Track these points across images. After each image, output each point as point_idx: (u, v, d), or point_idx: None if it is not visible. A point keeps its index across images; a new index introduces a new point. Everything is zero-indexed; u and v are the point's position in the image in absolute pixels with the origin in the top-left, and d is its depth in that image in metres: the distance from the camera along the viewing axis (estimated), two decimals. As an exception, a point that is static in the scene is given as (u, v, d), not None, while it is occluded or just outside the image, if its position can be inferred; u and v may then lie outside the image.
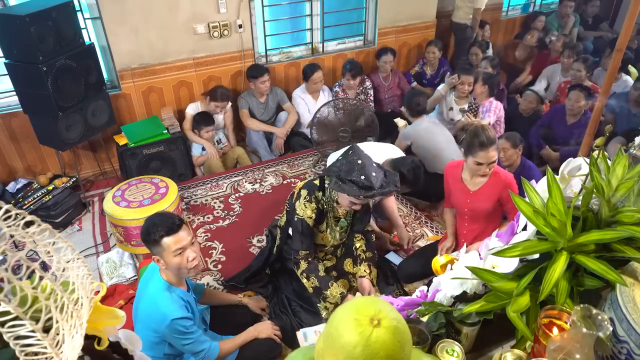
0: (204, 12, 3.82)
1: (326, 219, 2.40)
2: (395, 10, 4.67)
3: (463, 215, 2.57)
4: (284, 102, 4.23)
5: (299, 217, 2.29)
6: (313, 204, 2.29)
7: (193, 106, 3.94)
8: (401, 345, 0.68)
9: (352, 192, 2.08)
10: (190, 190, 3.73)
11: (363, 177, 2.07)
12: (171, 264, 1.84)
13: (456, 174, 2.53)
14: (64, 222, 3.40)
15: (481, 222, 2.51)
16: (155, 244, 1.81)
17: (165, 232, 1.81)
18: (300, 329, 1.89)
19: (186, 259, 1.84)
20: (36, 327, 0.53)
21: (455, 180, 2.54)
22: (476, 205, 2.46)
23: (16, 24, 2.75)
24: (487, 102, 3.87)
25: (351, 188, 2.08)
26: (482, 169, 2.35)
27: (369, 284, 2.40)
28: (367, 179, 2.07)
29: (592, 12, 6.13)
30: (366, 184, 2.07)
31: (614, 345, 0.87)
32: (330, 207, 2.36)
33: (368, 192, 2.07)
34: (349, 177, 2.08)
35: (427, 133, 3.50)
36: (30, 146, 3.62)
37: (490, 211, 2.45)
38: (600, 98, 2.32)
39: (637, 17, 2.13)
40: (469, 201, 2.47)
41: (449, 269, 1.23)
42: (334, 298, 2.29)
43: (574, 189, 1.13)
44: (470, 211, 2.51)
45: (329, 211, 2.37)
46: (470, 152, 2.34)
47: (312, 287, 2.32)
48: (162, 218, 1.87)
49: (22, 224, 0.57)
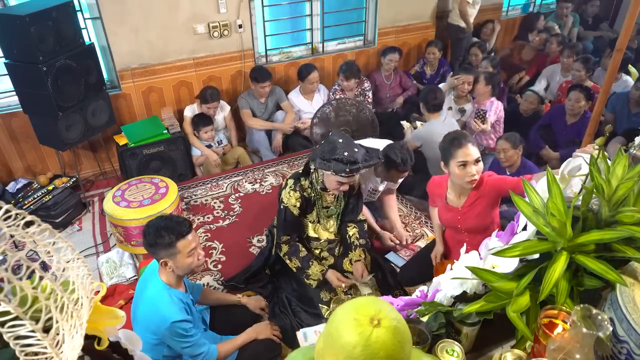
0: (204, 12, 3.82)
1: (315, 208, 2.42)
2: (395, 10, 4.67)
3: (458, 230, 2.41)
4: (282, 101, 4.23)
5: (284, 204, 2.35)
6: (297, 193, 2.34)
7: (190, 108, 3.95)
8: (401, 345, 0.68)
9: (338, 169, 2.13)
10: (190, 190, 3.73)
11: (346, 153, 2.14)
12: (183, 264, 1.86)
13: (441, 193, 2.38)
14: (64, 222, 3.40)
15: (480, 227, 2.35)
16: (168, 247, 1.81)
17: (179, 235, 1.82)
18: (300, 329, 1.89)
19: (197, 257, 1.89)
20: (36, 327, 0.53)
21: (440, 199, 2.40)
22: (468, 222, 2.31)
23: (16, 24, 2.75)
24: (488, 101, 3.86)
25: (337, 165, 2.13)
26: (469, 170, 2.11)
27: (362, 266, 2.45)
28: (350, 154, 2.13)
29: (592, 12, 6.13)
30: (350, 159, 2.13)
31: (614, 345, 0.87)
32: (318, 194, 2.39)
33: (353, 165, 2.13)
34: (333, 155, 2.14)
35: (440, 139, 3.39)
36: (30, 146, 3.62)
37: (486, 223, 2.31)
38: (600, 98, 2.32)
39: (637, 17, 2.13)
40: (460, 218, 2.32)
41: (449, 268, 1.23)
42: (315, 275, 2.41)
43: (574, 189, 1.13)
44: (464, 228, 2.36)
45: (317, 199, 2.40)
46: (450, 156, 2.16)
47: (295, 267, 2.43)
48: (170, 222, 1.86)
49: (22, 224, 0.57)
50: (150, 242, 1.84)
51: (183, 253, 1.84)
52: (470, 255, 1.17)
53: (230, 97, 4.23)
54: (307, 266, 2.40)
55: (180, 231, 1.83)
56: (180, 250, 1.83)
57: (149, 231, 1.84)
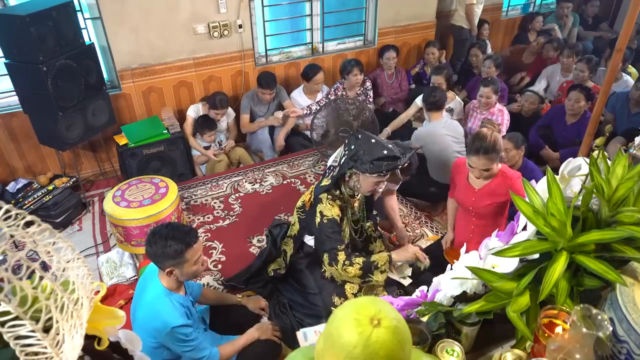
0: (204, 12, 3.82)
1: (346, 217, 2.39)
2: (395, 10, 4.67)
3: (470, 212, 2.57)
4: (284, 100, 4.23)
5: (327, 218, 2.24)
6: (338, 202, 2.29)
7: (194, 108, 3.93)
8: (401, 345, 0.68)
9: (390, 167, 2.12)
10: (190, 190, 3.73)
11: (386, 151, 2.12)
12: (189, 272, 1.84)
13: (464, 171, 2.54)
14: (64, 222, 3.40)
15: (488, 218, 2.52)
16: (176, 257, 1.77)
17: (188, 245, 1.79)
18: (300, 329, 1.88)
19: (201, 263, 1.88)
20: (36, 327, 0.53)
21: (461, 176, 2.55)
22: (480, 203, 2.47)
23: (16, 24, 2.76)
24: (495, 109, 3.74)
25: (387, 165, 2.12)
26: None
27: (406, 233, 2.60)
28: (390, 150, 2.12)
29: (592, 12, 6.13)
30: (392, 155, 2.12)
31: (614, 345, 0.87)
32: (347, 203, 2.37)
33: (400, 160, 2.13)
34: (375, 156, 2.12)
35: (442, 145, 3.30)
36: (30, 146, 3.62)
37: (495, 209, 2.46)
38: (600, 98, 2.32)
39: (637, 17, 2.13)
40: (474, 199, 2.48)
41: (448, 268, 1.23)
42: (383, 260, 2.25)
43: (574, 189, 1.12)
44: (475, 209, 2.51)
45: (347, 207, 2.39)
46: (467, 152, 2.38)
47: (358, 269, 2.21)
48: (178, 231, 1.80)
49: (22, 224, 0.57)
50: (156, 252, 1.77)
51: (190, 262, 1.81)
52: (470, 255, 1.17)
53: (230, 97, 4.23)
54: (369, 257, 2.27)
55: (189, 241, 1.79)
56: (188, 259, 1.80)
57: (155, 240, 1.77)
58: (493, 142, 2.26)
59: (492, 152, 2.27)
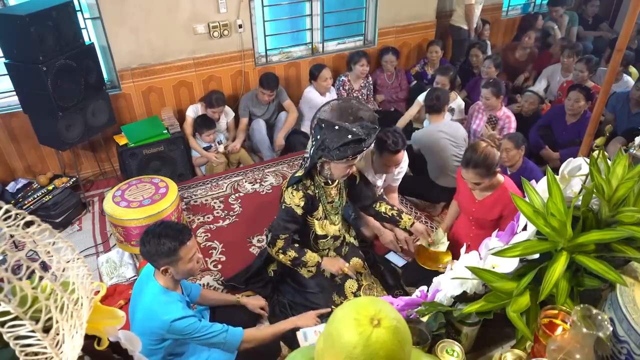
0: (204, 12, 3.82)
1: (321, 205, 2.41)
2: (395, 10, 4.67)
3: (470, 221, 2.55)
4: (284, 100, 4.23)
5: (286, 205, 2.32)
6: (301, 192, 2.30)
7: (193, 108, 3.94)
8: (401, 345, 0.68)
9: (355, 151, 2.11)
10: (190, 190, 3.73)
11: (350, 135, 2.12)
12: (184, 270, 1.85)
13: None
14: (64, 222, 3.40)
15: (488, 229, 2.43)
16: (170, 255, 1.79)
17: (181, 242, 1.80)
18: (300, 329, 1.89)
19: (196, 261, 1.88)
20: (36, 327, 0.53)
21: (464, 183, 2.51)
22: (479, 214, 2.44)
23: (16, 24, 2.75)
24: (501, 113, 3.71)
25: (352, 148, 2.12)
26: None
27: (423, 225, 2.57)
28: (355, 134, 2.12)
29: (592, 12, 6.13)
30: (357, 138, 2.12)
31: (614, 345, 0.87)
32: (321, 190, 2.38)
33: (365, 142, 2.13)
34: (341, 142, 2.11)
35: (439, 148, 3.28)
36: (30, 146, 3.62)
37: (494, 223, 2.41)
38: (600, 98, 2.32)
39: (637, 17, 2.13)
40: (474, 209, 2.46)
41: (449, 268, 1.23)
42: (312, 262, 2.40)
43: (574, 189, 1.13)
44: (475, 219, 2.49)
45: (321, 195, 2.39)
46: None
47: (289, 259, 2.37)
48: (171, 229, 1.82)
49: (22, 224, 0.56)
50: (150, 250, 1.79)
51: (184, 259, 1.82)
52: (470, 255, 1.17)
53: (230, 97, 4.23)
54: (303, 254, 2.38)
55: (182, 239, 1.80)
56: (182, 257, 1.81)
57: (148, 239, 1.79)
58: (483, 157, 2.21)
59: (481, 167, 2.23)
